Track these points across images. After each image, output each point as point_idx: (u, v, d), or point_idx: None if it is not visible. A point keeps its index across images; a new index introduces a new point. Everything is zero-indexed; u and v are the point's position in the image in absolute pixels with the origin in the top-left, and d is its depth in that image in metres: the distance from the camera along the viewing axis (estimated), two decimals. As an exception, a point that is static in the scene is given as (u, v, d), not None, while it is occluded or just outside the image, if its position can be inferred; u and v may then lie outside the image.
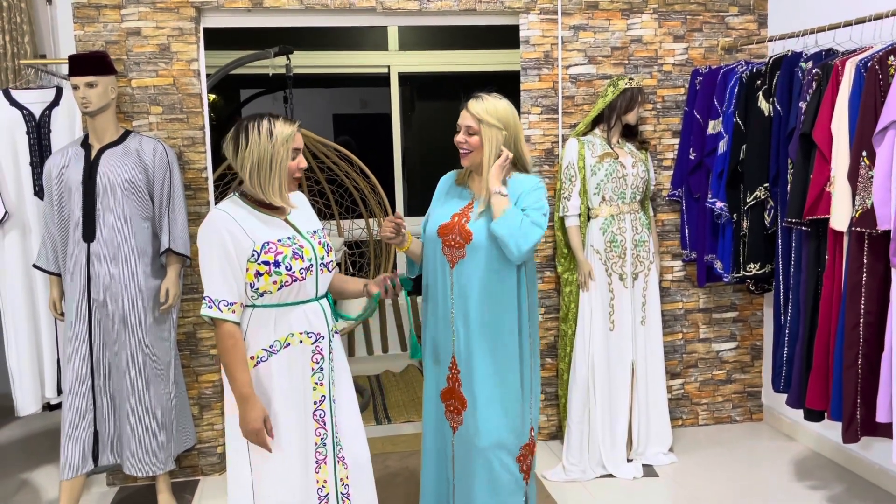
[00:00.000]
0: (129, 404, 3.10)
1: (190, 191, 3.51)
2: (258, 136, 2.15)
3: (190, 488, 3.51)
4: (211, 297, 2.14)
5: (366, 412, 4.45)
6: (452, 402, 2.58)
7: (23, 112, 3.33)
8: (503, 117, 2.45)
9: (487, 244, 2.45)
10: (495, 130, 2.43)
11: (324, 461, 2.26)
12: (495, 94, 2.51)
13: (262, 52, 4.72)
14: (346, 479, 2.31)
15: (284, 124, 2.18)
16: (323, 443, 2.26)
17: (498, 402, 2.50)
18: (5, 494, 3.51)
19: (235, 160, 2.20)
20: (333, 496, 2.27)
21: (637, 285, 3.56)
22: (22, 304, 3.35)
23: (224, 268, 2.14)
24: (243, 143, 2.17)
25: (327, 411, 2.27)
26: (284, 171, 2.19)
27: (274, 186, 2.19)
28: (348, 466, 2.31)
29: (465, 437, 2.56)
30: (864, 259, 2.76)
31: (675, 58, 3.90)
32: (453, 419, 2.60)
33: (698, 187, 3.78)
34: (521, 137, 2.50)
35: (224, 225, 2.15)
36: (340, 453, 2.30)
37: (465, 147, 2.48)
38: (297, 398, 2.23)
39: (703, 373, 4.09)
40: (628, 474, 3.51)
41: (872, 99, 2.71)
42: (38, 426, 4.36)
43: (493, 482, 2.51)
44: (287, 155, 2.18)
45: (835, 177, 2.85)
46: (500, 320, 2.50)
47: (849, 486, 3.37)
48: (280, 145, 2.16)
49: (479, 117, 2.43)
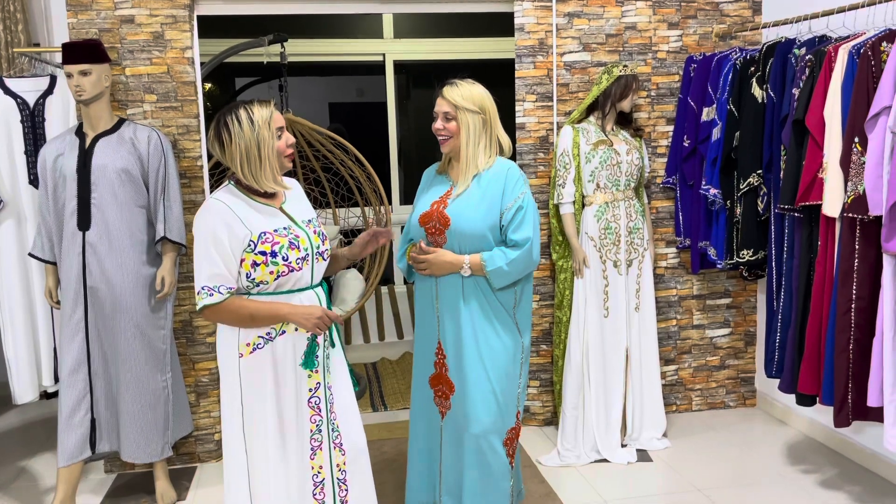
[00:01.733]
0: (126, 392, 3.11)
1: (185, 179, 3.51)
2: (240, 127, 2.15)
3: (187, 475, 3.53)
4: (209, 284, 2.14)
5: (362, 399, 4.47)
6: (440, 387, 2.62)
7: (17, 101, 3.33)
8: (479, 101, 2.49)
9: (465, 228, 2.49)
10: (472, 115, 2.48)
11: (319, 447, 2.28)
12: (469, 79, 2.55)
13: (256, 40, 4.71)
14: (342, 465, 2.32)
15: (260, 107, 2.18)
16: (318, 429, 2.28)
17: (486, 386, 2.53)
18: (3, 482, 3.53)
19: (224, 157, 2.20)
20: (329, 482, 2.29)
21: (631, 272, 3.58)
22: (18, 292, 3.35)
23: (219, 256, 2.14)
24: (227, 138, 2.16)
25: (322, 398, 2.29)
26: (273, 155, 2.19)
27: (266, 173, 2.20)
28: (346, 452, 2.33)
29: (453, 421, 2.59)
30: (855, 245, 2.78)
31: (669, 45, 3.90)
32: (442, 404, 2.63)
33: (692, 174, 3.80)
34: (496, 120, 2.55)
35: (219, 216, 2.15)
36: (338, 439, 2.32)
37: (444, 133, 2.52)
38: (292, 385, 2.24)
39: (696, 359, 4.11)
40: (623, 459, 3.53)
41: (865, 85, 2.72)
42: (36, 414, 4.38)
43: (483, 466, 2.55)
44: (272, 137, 2.18)
45: (827, 163, 2.87)
46: (488, 301, 2.53)
47: (841, 470, 3.41)
48: (263, 130, 2.16)
49: (456, 103, 2.47)
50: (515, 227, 2.50)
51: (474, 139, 2.50)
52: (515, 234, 2.49)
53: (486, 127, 2.51)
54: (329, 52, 5.85)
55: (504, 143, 2.57)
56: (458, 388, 2.56)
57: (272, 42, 4.72)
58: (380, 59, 5.89)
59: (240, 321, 2.17)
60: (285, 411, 2.24)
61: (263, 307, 2.16)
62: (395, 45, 5.88)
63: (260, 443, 2.23)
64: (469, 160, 2.51)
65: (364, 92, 6.59)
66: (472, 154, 2.50)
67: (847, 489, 3.23)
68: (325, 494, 2.29)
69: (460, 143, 2.50)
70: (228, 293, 2.15)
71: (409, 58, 5.95)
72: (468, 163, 2.51)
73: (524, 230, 2.49)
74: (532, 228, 2.50)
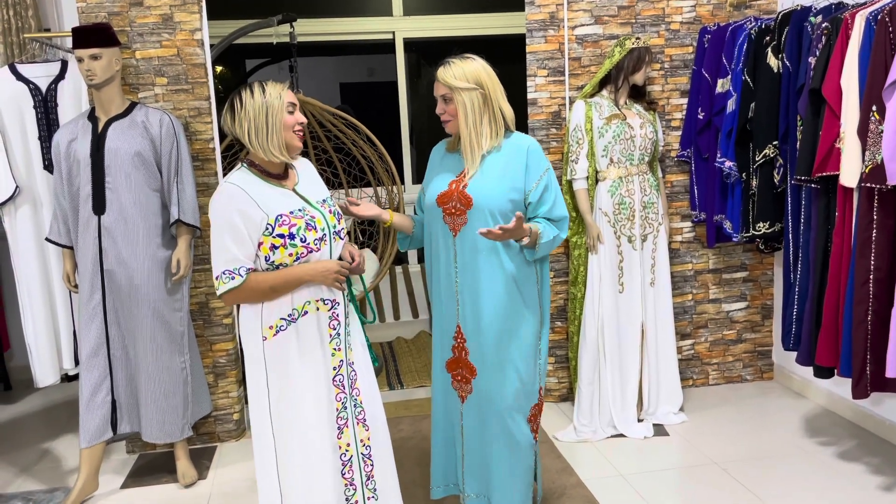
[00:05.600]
0: (145, 374, 3.15)
1: (198, 161, 3.52)
2: (251, 97, 2.19)
3: (207, 454, 3.58)
4: (228, 268, 2.15)
5: (379, 378, 4.49)
6: (459, 371, 2.60)
7: (29, 86, 3.34)
8: (474, 76, 2.42)
9: (489, 207, 2.44)
10: (469, 92, 2.41)
11: (345, 425, 2.29)
12: (466, 55, 2.47)
13: (265, 21, 4.70)
14: (367, 440, 2.34)
15: (274, 84, 2.23)
16: (344, 407, 2.29)
17: (510, 364, 2.52)
18: (27, 464, 3.59)
19: (234, 127, 2.22)
20: (356, 458, 2.31)
21: (646, 247, 3.56)
22: (36, 277, 3.39)
23: (235, 241, 2.15)
24: (238, 107, 2.20)
25: (346, 375, 2.30)
26: (281, 126, 2.20)
27: (273, 143, 2.20)
28: (369, 428, 2.35)
29: (476, 404, 2.57)
30: (873, 215, 2.74)
31: (682, 16, 3.84)
32: (461, 388, 2.61)
33: (707, 147, 3.75)
34: (499, 93, 2.47)
35: (234, 201, 2.16)
36: (361, 415, 2.33)
37: (446, 116, 2.48)
38: (318, 366, 2.25)
39: (713, 333, 4.10)
40: (639, 434, 3.54)
41: (882, 52, 2.67)
42: (58, 397, 4.45)
43: (511, 444, 2.54)
44: (282, 109, 2.20)
45: (844, 132, 2.82)
46: (511, 281, 2.51)
47: (860, 442, 3.39)
48: (274, 99, 2.19)
49: (450, 84, 2.41)
50: (550, 206, 2.49)
51: (474, 117, 2.43)
52: (553, 213, 2.49)
53: (487, 101, 2.44)
54: (338, 31, 5.81)
55: (507, 115, 2.50)
56: (481, 370, 2.54)
57: (281, 22, 4.71)
58: (389, 37, 5.85)
59: (262, 295, 2.19)
60: (312, 391, 2.25)
61: (280, 275, 2.18)
62: (404, 23, 5.84)
63: (287, 425, 2.24)
64: (472, 138, 2.45)
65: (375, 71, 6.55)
66: (476, 131, 2.45)
67: (866, 461, 3.22)
68: (353, 472, 2.31)
69: (460, 122, 2.45)
70: (248, 273, 2.17)
71: (418, 35, 5.91)
72: (472, 141, 2.46)
73: (559, 208, 2.50)
74: (564, 205, 2.53)
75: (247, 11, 5.26)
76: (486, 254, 2.48)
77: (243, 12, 5.29)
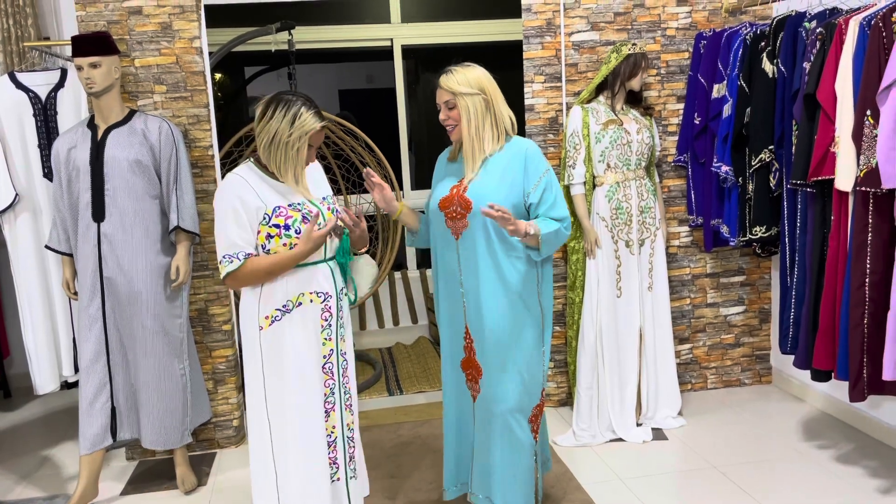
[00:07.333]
0: (145, 380, 3.16)
1: (197, 169, 3.53)
2: (281, 117, 2.25)
3: (207, 461, 3.58)
4: (228, 252, 2.25)
5: (378, 384, 4.51)
6: (471, 371, 2.66)
7: (29, 95, 3.36)
8: (476, 82, 2.48)
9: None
10: (472, 97, 2.47)
11: (332, 409, 2.42)
12: (466, 63, 2.54)
13: (263, 29, 4.72)
14: (351, 424, 2.51)
15: (313, 118, 2.27)
16: (332, 392, 2.42)
17: (513, 367, 2.57)
18: (27, 471, 3.59)
19: (257, 126, 2.30)
20: (340, 440, 2.45)
21: (644, 252, 3.58)
22: (36, 284, 3.40)
23: (236, 226, 2.26)
24: (268, 115, 2.27)
25: (335, 363, 2.43)
26: (295, 160, 2.29)
27: (287, 169, 2.30)
28: (353, 413, 2.51)
29: (483, 403, 2.63)
30: (869, 218, 2.76)
31: (678, 22, 3.86)
32: (472, 387, 2.68)
33: (704, 152, 3.77)
34: (500, 99, 2.54)
35: (234, 188, 2.27)
36: (349, 401, 2.49)
37: (450, 122, 2.53)
38: (310, 354, 2.37)
39: (711, 337, 4.11)
40: (638, 438, 3.55)
41: (876, 57, 2.68)
42: (57, 404, 4.45)
43: (512, 444, 2.59)
44: (303, 146, 2.28)
45: (839, 137, 2.84)
46: (511, 284, 2.54)
47: (857, 445, 3.40)
48: (297, 137, 2.26)
49: (453, 90, 2.47)
50: (550, 207, 2.52)
51: (477, 121, 2.49)
52: (553, 213, 2.52)
53: (489, 106, 2.51)
54: (337, 39, 5.84)
55: (508, 120, 2.56)
56: (486, 370, 2.59)
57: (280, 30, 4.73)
58: (388, 44, 5.87)
59: (262, 277, 2.28)
60: (304, 378, 2.36)
61: (276, 257, 2.28)
62: (402, 30, 5.86)
63: (281, 410, 2.35)
64: (475, 142, 2.51)
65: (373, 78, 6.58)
66: (478, 136, 2.51)
67: (864, 464, 3.22)
68: (337, 452, 2.44)
69: (463, 126, 2.50)
70: (247, 258, 2.27)
71: (416, 42, 5.94)
72: (475, 144, 2.51)
73: (560, 209, 2.53)
74: (565, 206, 2.56)
75: (245, 19, 5.28)
76: (486, 257, 2.53)
77: (242, 20, 5.31)
